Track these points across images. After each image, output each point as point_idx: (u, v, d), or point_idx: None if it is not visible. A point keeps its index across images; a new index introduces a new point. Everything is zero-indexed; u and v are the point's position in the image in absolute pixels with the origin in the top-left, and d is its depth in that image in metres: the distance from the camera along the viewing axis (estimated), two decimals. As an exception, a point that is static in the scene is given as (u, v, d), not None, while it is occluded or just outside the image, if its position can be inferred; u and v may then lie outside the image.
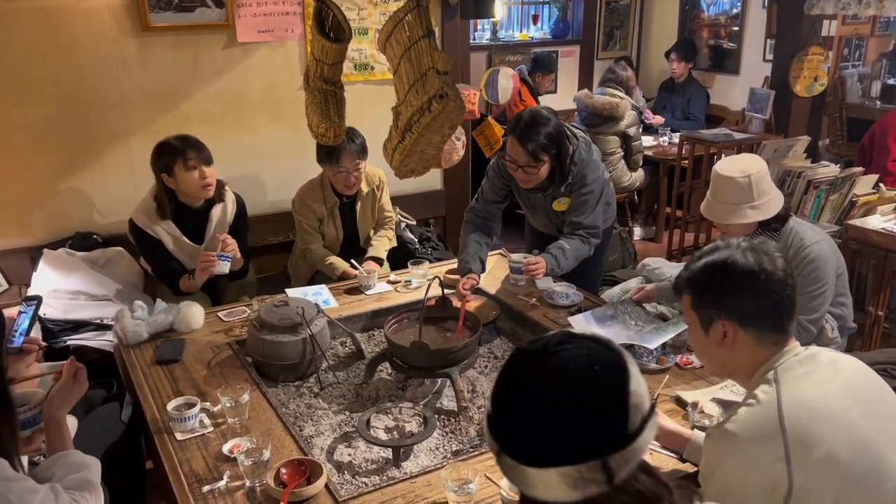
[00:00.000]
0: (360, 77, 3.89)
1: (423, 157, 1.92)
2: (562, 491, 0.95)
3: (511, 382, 1.02)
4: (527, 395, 0.98)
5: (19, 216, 3.32)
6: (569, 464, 0.93)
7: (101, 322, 2.92)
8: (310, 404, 2.23)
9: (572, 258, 2.77)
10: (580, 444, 0.94)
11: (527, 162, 2.64)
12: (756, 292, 1.46)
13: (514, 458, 0.97)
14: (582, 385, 0.97)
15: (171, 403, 2.00)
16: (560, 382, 0.97)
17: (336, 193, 3.19)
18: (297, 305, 2.40)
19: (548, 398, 0.96)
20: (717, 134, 4.94)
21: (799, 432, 1.36)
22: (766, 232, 2.44)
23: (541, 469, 0.94)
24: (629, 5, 7.14)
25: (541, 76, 5.72)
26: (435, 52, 1.83)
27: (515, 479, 0.99)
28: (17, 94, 3.19)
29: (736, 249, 1.50)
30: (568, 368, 0.98)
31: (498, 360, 2.50)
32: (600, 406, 0.96)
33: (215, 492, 1.71)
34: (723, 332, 1.49)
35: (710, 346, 1.53)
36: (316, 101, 2.38)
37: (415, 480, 1.75)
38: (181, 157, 2.81)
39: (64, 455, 1.60)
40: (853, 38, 6.46)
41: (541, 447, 0.95)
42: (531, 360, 1.01)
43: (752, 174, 2.34)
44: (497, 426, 1.01)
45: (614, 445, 0.94)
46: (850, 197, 3.53)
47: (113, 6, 3.28)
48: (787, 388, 1.42)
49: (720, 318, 1.49)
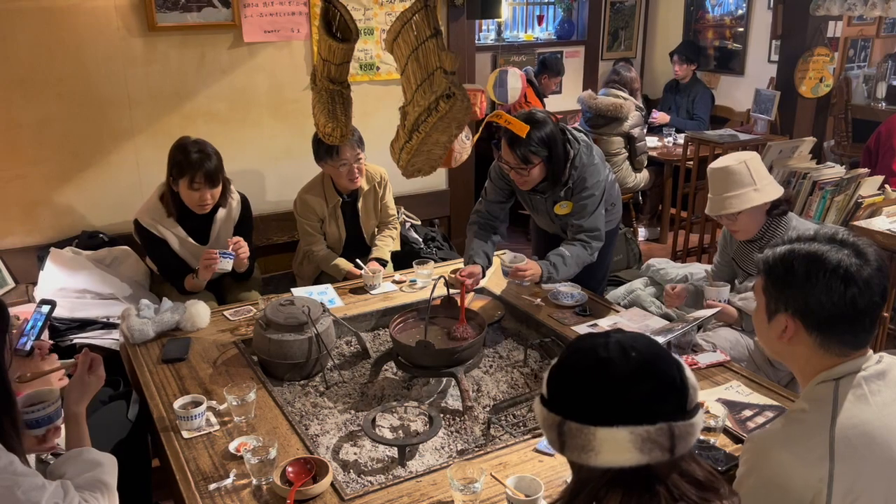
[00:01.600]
0: (365, 77, 3.89)
1: (430, 156, 1.93)
2: (628, 452, 1.02)
3: (577, 356, 1.11)
4: (596, 364, 1.07)
5: (26, 214, 3.34)
6: (640, 423, 1.01)
7: (108, 321, 2.93)
8: (315, 403, 2.23)
9: (573, 265, 2.74)
10: (650, 407, 1.03)
11: (517, 164, 2.65)
12: (833, 298, 1.31)
13: (583, 421, 1.04)
14: (648, 356, 1.07)
15: (177, 402, 2.00)
16: (627, 352, 1.07)
17: (338, 192, 3.20)
18: (303, 305, 2.40)
19: (617, 365, 1.05)
20: (722, 135, 4.94)
21: (848, 461, 1.26)
22: (773, 218, 2.47)
23: (612, 428, 1.02)
24: (634, 6, 7.14)
25: (547, 78, 5.72)
26: (442, 52, 1.83)
27: (579, 446, 1.05)
28: (23, 92, 3.21)
29: (829, 242, 1.35)
30: (632, 344, 1.09)
31: (503, 360, 2.51)
32: (665, 376, 1.06)
33: (222, 490, 1.72)
34: (784, 326, 1.37)
35: (770, 334, 1.41)
36: (323, 101, 2.39)
37: (420, 479, 1.75)
38: (188, 176, 2.78)
39: (78, 452, 1.60)
40: (859, 39, 6.45)
41: (612, 409, 1.04)
42: (595, 339, 1.12)
43: (746, 160, 2.45)
44: (558, 400, 1.09)
45: (678, 415, 1.04)
46: (855, 198, 3.52)
47: (120, 6, 3.29)
48: (846, 409, 1.29)
49: (785, 312, 1.36)
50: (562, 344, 2.45)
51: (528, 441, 1.90)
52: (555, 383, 1.12)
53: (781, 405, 2.00)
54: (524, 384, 2.35)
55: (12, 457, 1.41)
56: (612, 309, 2.73)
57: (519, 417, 2.14)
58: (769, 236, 2.50)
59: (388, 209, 3.38)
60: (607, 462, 1.03)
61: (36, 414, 1.65)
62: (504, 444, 1.89)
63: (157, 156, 3.44)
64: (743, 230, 2.53)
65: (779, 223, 2.50)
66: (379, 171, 3.31)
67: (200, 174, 2.78)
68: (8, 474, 1.37)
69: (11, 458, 1.41)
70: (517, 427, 2.09)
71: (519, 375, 2.40)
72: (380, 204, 3.34)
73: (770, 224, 2.50)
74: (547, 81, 5.71)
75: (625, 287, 3.53)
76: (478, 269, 2.72)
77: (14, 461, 1.41)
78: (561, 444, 1.07)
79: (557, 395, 1.10)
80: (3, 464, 1.38)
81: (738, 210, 2.44)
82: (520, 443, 1.89)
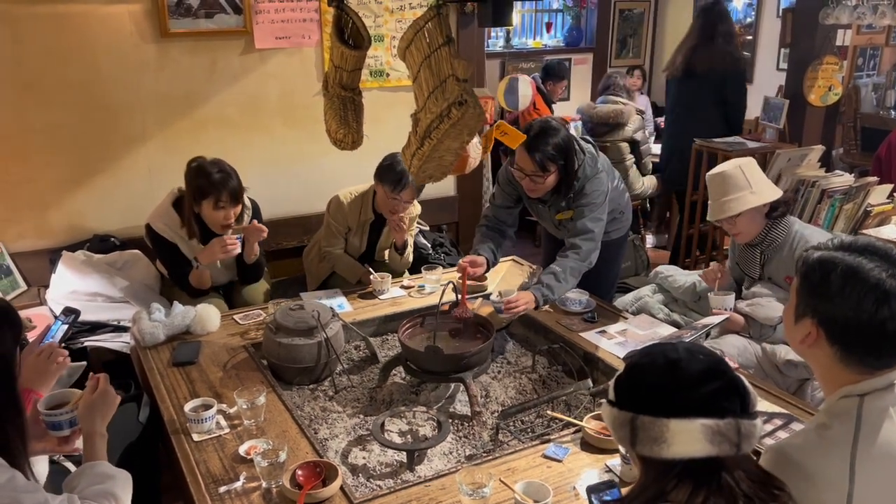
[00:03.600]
0: (375, 84, 3.91)
1: (442, 163, 1.94)
2: (699, 443, 1.09)
3: (648, 359, 1.20)
4: (668, 363, 1.16)
5: (38, 218, 3.36)
6: (712, 417, 1.09)
7: (119, 324, 2.95)
8: (324, 407, 2.24)
9: (569, 278, 2.62)
10: (719, 404, 1.12)
11: (534, 171, 2.64)
12: (863, 316, 1.25)
13: (656, 414, 1.12)
14: (715, 360, 1.18)
15: (187, 405, 2.02)
16: (695, 355, 1.17)
17: (374, 211, 3.21)
18: (313, 309, 2.42)
19: (688, 364, 1.15)
20: (731, 142, 4.93)
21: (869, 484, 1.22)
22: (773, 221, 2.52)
23: (684, 420, 1.10)
24: (643, 13, 7.15)
25: (552, 84, 5.74)
26: (455, 60, 1.84)
27: (651, 438, 1.12)
28: (37, 97, 3.24)
29: (880, 259, 1.27)
30: (699, 349, 1.19)
31: (511, 366, 2.51)
32: (731, 378, 1.15)
33: (232, 492, 1.73)
34: (808, 331, 1.33)
35: (794, 335, 1.38)
36: (334, 108, 2.40)
37: (429, 484, 1.76)
38: (213, 197, 2.81)
39: (91, 465, 1.58)
40: (868, 48, 6.44)
41: (684, 402, 1.12)
42: (662, 345, 1.23)
43: (741, 164, 2.53)
44: (629, 398, 1.18)
45: (744, 414, 1.13)
46: (864, 206, 3.52)
47: (133, 12, 3.32)
48: (869, 428, 1.24)
49: (812, 318, 1.31)
50: (569, 350, 2.46)
51: (536, 447, 1.90)
52: (624, 385, 1.20)
53: (790, 413, 2.00)
54: (532, 390, 2.36)
55: (13, 472, 1.38)
56: (621, 316, 2.74)
57: (527, 423, 2.15)
58: (770, 239, 2.56)
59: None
60: (678, 453, 1.10)
61: (59, 417, 1.67)
62: (512, 450, 1.90)
63: (168, 161, 3.48)
64: (743, 233, 2.58)
65: (779, 226, 2.54)
66: (416, 208, 3.31)
67: (226, 194, 2.82)
68: (9, 490, 1.34)
69: (12, 473, 1.38)
70: (525, 433, 2.09)
71: (527, 381, 2.40)
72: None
73: (770, 227, 2.54)
74: (552, 87, 5.73)
75: (633, 294, 3.53)
76: (481, 259, 2.72)
77: (15, 476, 1.38)
78: (632, 439, 1.14)
79: (628, 395, 1.19)
80: (3, 480, 1.35)
81: (736, 212, 2.49)
82: (528, 448, 1.90)
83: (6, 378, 1.45)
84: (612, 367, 2.32)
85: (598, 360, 2.39)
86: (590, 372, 2.38)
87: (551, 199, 2.80)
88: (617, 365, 2.33)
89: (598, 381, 2.33)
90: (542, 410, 2.17)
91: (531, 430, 2.11)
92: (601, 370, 2.37)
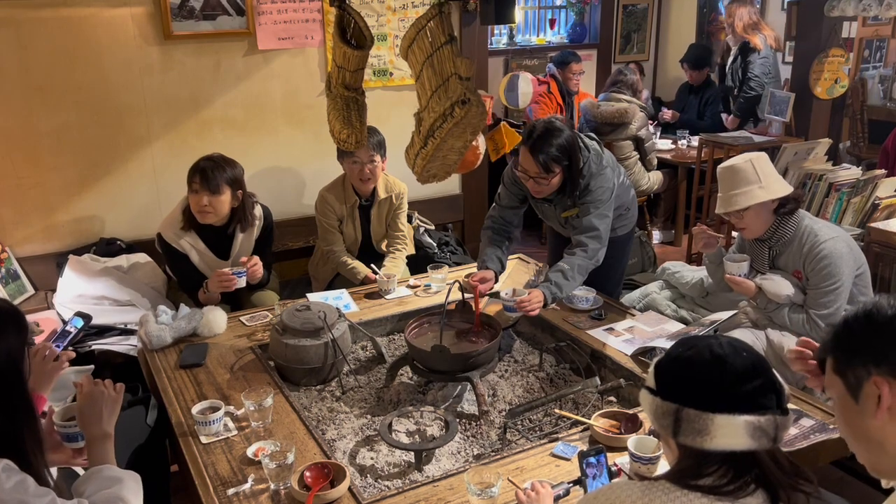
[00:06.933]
0: (378, 83, 3.91)
1: (445, 162, 1.94)
2: (741, 438, 1.14)
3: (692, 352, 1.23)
4: (714, 359, 1.20)
5: (45, 222, 3.37)
6: (753, 412, 1.15)
7: (126, 327, 2.96)
8: (332, 408, 2.24)
9: (577, 275, 2.61)
10: (760, 400, 1.17)
11: (538, 173, 2.60)
12: None
13: (702, 408, 1.16)
14: (757, 357, 1.23)
15: (195, 407, 2.02)
16: (739, 351, 1.21)
17: (356, 193, 3.22)
18: (319, 310, 2.42)
19: (733, 361, 1.19)
20: (737, 137, 4.92)
21: None
22: (782, 217, 2.49)
23: (729, 415, 1.15)
24: (646, 9, 7.12)
25: (562, 72, 5.65)
26: (457, 58, 1.84)
27: (695, 430, 1.16)
28: (42, 100, 3.24)
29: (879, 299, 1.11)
30: (742, 346, 1.24)
31: (518, 364, 2.51)
32: (770, 376, 1.21)
33: (240, 494, 1.73)
34: (877, 394, 1.04)
35: (864, 420, 1.07)
36: (338, 108, 2.40)
37: (437, 484, 1.76)
38: (188, 179, 2.83)
39: (99, 469, 1.57)
40: (874, 40, 6.39)
41: (729, 398, 1.17)
42: (706, 339, 1.28)
43: (752, 159, 2.50)
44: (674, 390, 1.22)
45: (780, 410, 1.19)
46: (872, 199, 3.49)
47: (136, 15, 3.32)
48: None
49: (871, 375, 1.05)
50: (577, 348, 2.45)
51: (544, 445, 1.90)
52: (669, 376, 1.24)
53: (799, 409, 1.99)
54: (540, 388, 2.35)
55: (24, 476, 1.36)
56: (628, 313, 2.73)
57: (535, 422, 2.14)
58: (779, 235, 2.51)
59: (397, 224, 3.34)
60: (720, 446, 1.15)
61: (74, 429, 1.66)
62: (520, 449, 1.89)
63: (173, 163, 3.48)
64: (750, 228, 2.54)
65: (788, 222, 2.51)
66: (401, 186, 3.32)
67: (197, 176, 2.80)
68: (19, 494, 1.33)
69: (23, 476, 1.36)
70: (533, 431, 2.09)
71: (534, 380, 2.40)
72: (391, 215, 3.34)
73: (779, 223, 2.51)
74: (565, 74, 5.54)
75: (640, 290, 3.52)
76: (490, 274, 2.70)
77: (26, 480, 1.36)
78: (675, 429, 1.19)
79: (672, 386, 1.23)
80: (13, 484, 1.33)
81: (743, 206, 2.46)
82: (536, 447, 1.89)
83: (17, 381, 1.45)
84: (619, 365, 2.31)
85: (606, 358, 2.38)
86: (597, 369, 2.37)
87: (557, 199, 2.78)
88: (625, 362, 2.32)
89: (606, 378, 2.32)
90: (549, 409, 2.17)
91: (539, 428, 2.10)
92: (609, 368, 2.36)
